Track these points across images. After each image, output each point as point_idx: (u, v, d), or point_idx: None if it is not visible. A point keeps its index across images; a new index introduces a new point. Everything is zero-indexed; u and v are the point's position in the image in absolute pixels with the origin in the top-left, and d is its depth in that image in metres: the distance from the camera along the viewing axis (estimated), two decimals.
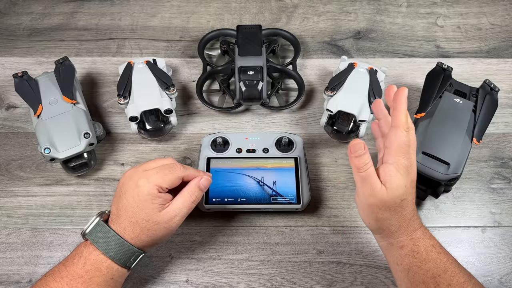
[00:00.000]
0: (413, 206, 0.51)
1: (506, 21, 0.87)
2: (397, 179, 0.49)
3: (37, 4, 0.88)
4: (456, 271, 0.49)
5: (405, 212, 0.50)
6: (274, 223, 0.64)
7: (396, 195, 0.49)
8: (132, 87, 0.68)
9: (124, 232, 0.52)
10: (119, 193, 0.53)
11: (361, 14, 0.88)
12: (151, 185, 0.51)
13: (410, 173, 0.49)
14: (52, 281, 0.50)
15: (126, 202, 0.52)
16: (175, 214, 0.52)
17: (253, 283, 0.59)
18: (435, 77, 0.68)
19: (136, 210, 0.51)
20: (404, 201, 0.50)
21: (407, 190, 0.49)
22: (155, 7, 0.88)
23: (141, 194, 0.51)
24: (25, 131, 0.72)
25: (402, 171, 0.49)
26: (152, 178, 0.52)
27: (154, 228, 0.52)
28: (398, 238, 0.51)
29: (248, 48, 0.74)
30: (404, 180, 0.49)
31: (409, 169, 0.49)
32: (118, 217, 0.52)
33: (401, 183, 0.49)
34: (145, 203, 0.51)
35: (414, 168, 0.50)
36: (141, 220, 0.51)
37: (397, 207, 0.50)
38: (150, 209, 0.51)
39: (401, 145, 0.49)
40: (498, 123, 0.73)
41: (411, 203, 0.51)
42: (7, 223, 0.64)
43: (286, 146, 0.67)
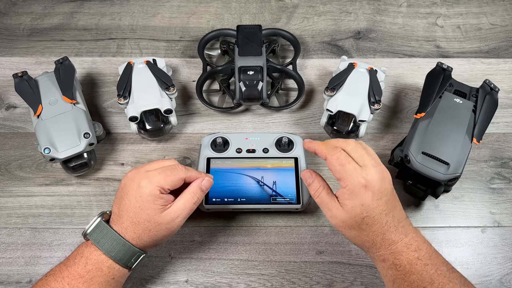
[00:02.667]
0: (386, 219, 0.50)
1: (506, 21, 0.87)
2: (350, 200, 0.49)
3: (37, 4, 0.88)
4: (444, 282, 0.48)
5: (373, 228, 0.50)
6: (274, 223, 0.64)
7: (353, 215, 0.49)
8: (132, 87, 0.68)
9: (125, 232, 0.52)
10: (121, 194, 0.53)
11: (361, 14, 0.88)
12: (153, 186, 0.51)
13: (368, 187, 0.49)
14: (53, 281, 0.50)
15: (128, 202, 0.52)
16: (177, 215, 0.53)
17: (253, 283, 0.59)
18: (435, 77, 0.68)
19: (138, 211, 0.51)
20: (367, 218, 0.49)
21: (367, 208, 0.49)
22: (155, 7, 0.88)
23: (143, 195, 0.51)
24: (25, 131, 0.72)
25: (355, 190, 0.49)
26: (154, 179, 0.52)
27: (156, 228, 0.52)
28: (376, 252, 0.51)
29: (248, 48, 0.74)
30: (359, 199, 0.49)
31: (365, 183, 0.49)
32: (120, 217, 0.52)
33: (355, 203, 0.49)
34: (147, 204, 0.51)
35: (376, 183, 0.49)
36: (142, 221, 0.52)
37: (360, 225, 0.50)
38: (152, 209, 0.51)
39: (338, 168, 0.50)
40: (498, 123, 0.73)
41: (379, 217, 0.49)
42: (7, 223, 0.64)
43: (286, 146, 0.67)
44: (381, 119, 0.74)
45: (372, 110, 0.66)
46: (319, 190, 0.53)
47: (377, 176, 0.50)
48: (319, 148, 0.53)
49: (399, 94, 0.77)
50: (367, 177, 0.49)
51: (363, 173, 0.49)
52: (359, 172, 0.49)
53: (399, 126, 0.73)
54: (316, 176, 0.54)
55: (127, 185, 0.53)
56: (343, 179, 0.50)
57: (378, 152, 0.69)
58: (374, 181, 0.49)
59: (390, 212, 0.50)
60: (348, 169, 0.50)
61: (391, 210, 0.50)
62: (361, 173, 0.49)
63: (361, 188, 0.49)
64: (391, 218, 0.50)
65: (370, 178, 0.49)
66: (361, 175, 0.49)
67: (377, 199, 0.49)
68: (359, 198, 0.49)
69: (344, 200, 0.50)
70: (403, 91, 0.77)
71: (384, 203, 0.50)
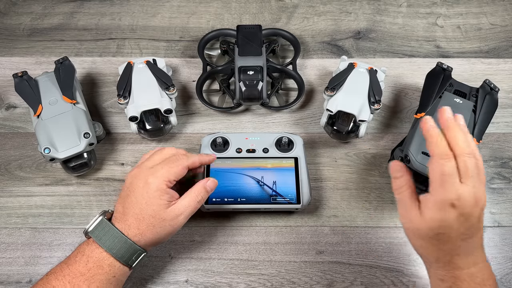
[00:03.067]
0: (461, 244, 0.46)
1: (506, 21, 0.87)
2: (432, 211, 0.46)
3: (37, 4, 0.88)
4: None
5: (444, 247, 0.47)
6: (274, 223, 0.64)
7: (429, 226, 0.46)
8: (132, 87, 0.68)
9: (128, 229, 0.52)
10: (127, 192, 0.54)
11: (361, 14, 0.88)
12: (160, 180, 0.53)
13: (456, 207, 0.44)
14: (54, 279, 0.50)
15: (134, 199, 0.53)
16: (181, 212, 0.53)
17: (253, 283, 0.59)
18: (435, 77, 0.68)
19: (144, 207, 0.52)
20: (442, 235, 0.46)
21: (446, 226, 0.45)
22: (155, 7, 0.88)
23: (150, 191, 0.52)
24: (25, 131, 0.72)
25: (441, 204, 0.45)
26: (159, 173, 0.53)
27: (160, 225, 0.53)
28: (437, 270, 0.48)
29: (248, 48, 0.74)
30: (442, 214, 0.45)
31: (454, 202, 0.44)
32: (124, 214, 0.53)
33: (436, 216, 0.45)
34: (153, 200, 0.52)
35: (467, 206, 0.45)
36: (147, 217, 0.52)
37: (431, 238, 0.47)
38: (158, 205, 0.52)
39: (436, 175, 0.45)
40: (498, 123, 0.73)
41: (455, 239, 0.46)
42: (7, 223, 0.64)
43: (286, 146, 0.67)
44: (381, 119, 0.74)
45: (372, 110, 0.66)
46: (404, 188, 0.49)
47: (471, 200, 0.45)
48: (432, 143, 0.46)
49: (399, 94, 0.77)
50: (461, 196, 0.44)
51: (459, 191, 0.45)
52: (455, 188, 0.45)
53: (399, 126, 0.73)
54: (406, 172, 0.50)
55: (133, 183, 0.54)
56: (434, 187, 0.46)
57: (378, 152, 0.70)
58: (466, 203, 0.45)
59: (468, 238, 0.46)
60: (446, 181, 0.45)
61: (470, 236, 0.46)
62: (458, 190, 0.45)
63: (449, 204, 0.45)
64: (466, 244, 0.47)
65: (464, 198, 0.45)
66: (457, 192, 0.44)
67: (462, 221, 0.45)
68: (443, 214, 0.45)
69: (426, 209, 0.46)
70: (403, 91, 0.77)
71: (467, 228, 0.46)
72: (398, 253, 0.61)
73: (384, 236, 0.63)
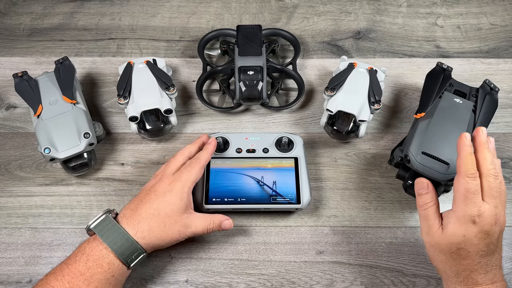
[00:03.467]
0: (480, 260, 0.49)
1: (506, 21, 0.87)
2: (454, 226, 0.49)
3: (37, 4, 0.88)
4: None
5: (464, 262, 0.49)
6: (274, 223, 0.64)
7: (450, 241, 0.49)
8: (132, 87, 0.68)
9: (137, 224, 0.54)
10: (146, 192, 0.57)
11: (361, 14, 0.88)
12: (184, 183, 0.56)
13: (477, 224, 0.48)
14: (54, 279, 0.50)
15: (154, 197, 0.55)
16: (192, 226, 0.56)
17: (253, 283, 0.59)
18: (435, 77, 0.68)
19: (163, 205, 0.55)
20: (462, 251, 0.49)
21: (466, 241, 0.48)
22: (155, 7, 0.88)
23: (174, 191, 0.55)
24: (25, 131, 0.72)
25: (463, 219, 0.48)
26: (182, 177, 0.57)
27: (171, 226, 0.54)
28: (455, 285, 0.50)
29: (248, 48, 0.74)
30: (463, 230, 0.48)
31: (475, 219, 0.48)
32: (136, 210, 0.55)
33: (457, 231, 0.49)
34: (175, 199, 0.55)
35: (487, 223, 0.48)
36: (163, 215, 0.54)
37: (452, 253, 0.49)
38: (178, 206, 0.55)
39: (461, 192, 0.49)
40: (498, 123, 0.73)
41: (474, 255, 0.49)
42: (7, 223, 0.64)
43: (286, 146, 0.67)
44: (381, 119, 0.74)
45: (372, 110, 0.66)
46: (429, 204, 0.52)
47: (492, 218, 0.48)
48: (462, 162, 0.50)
49: (399, 94, 0.77)
50: (483, 214, 0.48)
51: (481, 209, 0.48)
52: (477, 206, 0.48)
53: (399, 126, 0.73)
54: (432, 189, 0.53)
55: (157, 184, 0.57)
56: (457, 203, 0.49)
57: (378, 152, 0.70)
58: (487, 221, 0.48)
59: (488, 255, 0.49)
60: (469, 198, 0.48)
61: (489, 254, 0.49)
62: (480, 207, 0.48)
63: (470, 220, 0.48)
64: (485, 260, 0.49)
65: (485, 216, 0.48)
66: (478, 209, 0.48)
67: (481, 238, 0.48)
68: (464, 229, 0.48)
69: (448, 224, 0.50)
70: (403, 91, 0.77)
71: (486, 245, 0.49)
72: (398, 253, 0.61)
73: (384, 236, 0.63)
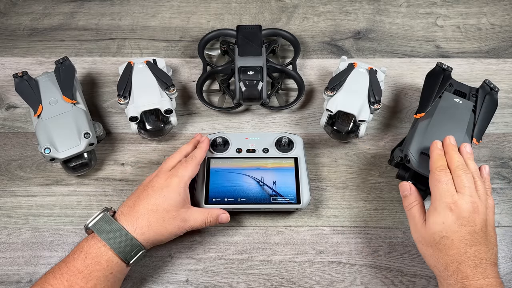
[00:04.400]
0: (466, 249, 0.49)
1: (506, 21, 0.87)
2: (433, 216, 0.52)
3: (37, 4, 0.88)
4: None
5: (450, 252, 0.50)
6: (274, 223, 0.64)
7: (433, 231, 0.51)
8: (132, 87, 0.68)
9: (136, 220, 0.54)
10: (144, 188, 0.57)
11: (361, 14, 0.88)
12: (180, 179, 0.57)
13: (453, 211, 0.50)
14: (52, 278, 0.50)
15: (152, 192, 0.56)
16: (191, 219, 0.57)
17: (253, 283, 0.59)
18: (435, 77, 0.68)
19: (161, 201, 0.55)
20: (445, 239, 0.50)
21: (447, 227, 0.50)
22: (155, 7, 0.88)
23: (171, 186, 0.56)
24: (25, 131, 0.72)
25: (440, 208, 0.51)
26: (179, 172, 0.58)
27: (169, 221, 0.55)
28: (447, 280, 0.50)
29: (248, 48, 0.74)
30: (442, 217, 0.51)
31: (451, 206, 0.51)
32: (133, 207, 0.55)
33: (437, 219, 0.51)
34: (173, 195, 0.56)
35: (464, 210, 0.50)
36: (161, 210, 0.55)
37: (437, 244, 0.51)
38: (175, 201, 0.56)
39: (434, 185, 0.53)
40: (498, 123, 0.73)
41: (458, 243, 0.50)
42: (7, 223, 0.64)
43: (286, 146, 0.67)
44: (381, 119, 0.74)
45: (372, 110, 0.66)
46: (413, 204, 0.55)
47: (469, 205, 0.51)
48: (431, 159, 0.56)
49: (399, 94, 0.77)
50: (457, 201, 0.51)
51: (455, 197, 0.51)
52: (449, 194, 0.51)
53: (399, 126, 0.73)
54: (414, 190, 0.57)
55: (153, 180, 0.58)
56: (432, 196, 0.53)
57: (378, 152, 0.70)
58: (463, 207, 0.51)
59: (473, 245, 0.50)
60: (440, 188, 0.52)
61: (474, 244, 0.50)
62: (453, 196, 0.51)
63: (446, 207, 0.51)
64: (472, 252, 0.49)
65: (460, 203, 0.51)
66: (452, 197, 0.51)
67: (460, 224, 0.50)
68: (442, 216, 0.51)
69: (428, 217, 0.52)
70: (403, 91, 0.77)
71: (468, 232, 0.50)
72: (398, 253, 0.61)
73: (384, 236, 0.63)
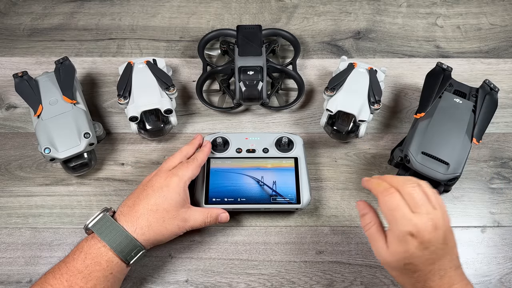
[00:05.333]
0: (430, 268, 0.47)
1: (506, 21, 0.87)
2: (395, 245, 0.47)
3: (37, 4, 0.88)
4: None
5: (415, 275, 0.48)
6: (274, 223, 0.64)
7: (396, 259, 0.48)
8: (132, 87, 0.68)
9: (136, 221, 0.54)
10: (143, 188, 0.57)
11: (361, 14, 0.88)
12: (180, 178, 0.57)
13: (416, 236, 0.46)
14: (52, 278, 0.50)
15: (152, 192, 0.56)
16: (191, 218, 0.57)
17: (253, 283, 0.59)
18: (435, 77, 0.68)
19: (161, 200, 0.55)
20: (410, 265, 0.47)
21: (410, 256, 0.47)
22: (155, 7, 0.88)
23: (171, 185, 0.56)
24: (25, 131, 0.72)
25: (401, 237, 0.46)
26: (179, 172, 0.58)
27: (170, 221, 0.55)
28: None
29: (248, 48, 0.74)
30: (404, 246, 0.46)
31: (413, 232, 0.46)
32: (133, 207, 0.55)
33: (398, 249, 0.47)
34: (173, 194, 0.56)
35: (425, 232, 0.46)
36: (161, 210, 0.55)
37: (402, 269, 0.48)
38: (175, 201, 0.56)
39: (386, 212, 0.48)
40: (497, 123, 0.73)
41: (422, 266, 0.47)
42: (7, 223, 0.64)
43: (286, 146, 0.67)
44: (381, 119, 0.74)
45: (372, 110, 0.66)
46: (370, 224, 0.51)
47: (428, 225, 0.46)
48: (372, 187, 0.51)
49: (399, 94, 0.77)
50: (417, 225, 0.46)
51: (413, 221, 0.46)
52: (408, 219, 0.46)
53: (399, 126, 0.73)
54: (370, 209, 0.53)
55: (153, 180, 0.57)
56: (390, 224, 0.48)
57: (378, 152, 0.70)
58: (424, 230, 0.46)
59: (437, 261, 0.47)
60: (396, 215, 0.47)
61: (439, 259, 0.47)
62: (411, 220, 0.46)
63: (407, 236, 0.46)
64: (437, 266, 0.47)
65: (420, 226, 0.46)
66: (411, 222, 0.46)
67: (423, 248, 0.46)
68: (404, 246, 0.46)
69: (390, 243, 0.48)
70: (403, 91, 0.77)
71: (431, 252, 0.47)
72: None
73: None
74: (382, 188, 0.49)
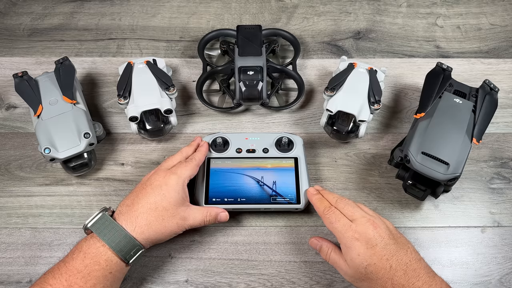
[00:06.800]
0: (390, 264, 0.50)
1: (506, 21, 0.87)
2: (348, 253, 0.52)
3: (37, 4, 0.88)
4: None
5: (379, 275, 0.50)
6: (274, 223, 0.64)
7: (355, 267, 0.51)
8: (132, 87, 0.68)
9: (135, 219, 0.54)
10: (142, 186, 0.57)
11: (361, 14, 0.88)
12: (179, 176, 0.57)
13: (360, 240, 0.51)
14: (51, 278, 0.50)
15: (151, 190, 0.56)
16: (190, 217, 0.57)
17: (253, 283, 0.59)
18: (435, 77, 0.68)
19: (160, 198, 0.55)
20: (369, 267, 0.50)
21: (364, 256, 0.51)
22: (155, 7, 0.88)
23: (170, 184, 0.56)
24: (25, 131, 0.72)
25: (349, 243, 0.52)
26: (178, 171, 0.58)
27: (169, 220, 0.55)
28: None
29: (248, 48, 0.74)
30: (354, 251, 0.51)
31: (358, 237, 0.51)
32: (132, 206, 0.55)
33: (352, 255, 0.52)
34: (172, 193, 0.56)
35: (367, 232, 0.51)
36: (160, 208, 0.55)
37: (366, 275, 0.51)
38: (174, 199, 0.56)
39: (331, 226, 0.54)
40: (497, 123, 0.73)
41: (380, 263, 0.50)
42: (7, 223, 0.64)
43: (286, 146, 0.67)
44: (381, 119, 0.74)
45: (372, 110, 0.66)
46: (328, 252, 0.56)
47: (367, 225, 0.52)
48: (316, 207, 0.58)
49: (399, 94, 0.77)
50: (357, 229, 0.52)
51: (352, 226, 0.52)
52: (348, 227, 0.52)
53: (399, 126, 0.73)
54: (323, 240, 0.58)
55: (152, 178, 0.58)
56: (337, 237, 0.54)
57: (377, 152, 0.70)
58: (365, 231, 0.52)
59: (393, 256, 0.51)
60: (338, 226, 0.53)
61: (393, 254, 0.51)
62: (350, 226, 0.52)
63: (353, 240, 0.52)
64: (395, 262, 0.50)
65: (360, 229, 0.52)
66: (351, 229, 0.52)
67: (372, 246, 0.51)
68: (354, 250, 0.51)
69: (345, 256, 0.53)
70: (403, 91, 0.77)
71: (382, 248, 0.51)
72: None
73: None
74: (323, 207, 0.56)
